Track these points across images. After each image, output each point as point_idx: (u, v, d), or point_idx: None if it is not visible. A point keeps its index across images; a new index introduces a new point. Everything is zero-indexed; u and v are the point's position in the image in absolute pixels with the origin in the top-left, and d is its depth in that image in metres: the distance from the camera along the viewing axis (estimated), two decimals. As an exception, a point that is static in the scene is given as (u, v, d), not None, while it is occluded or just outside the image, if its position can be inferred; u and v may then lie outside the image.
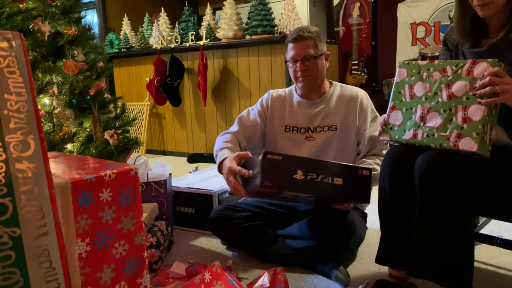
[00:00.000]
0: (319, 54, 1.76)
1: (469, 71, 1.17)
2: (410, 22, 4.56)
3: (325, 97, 1.83)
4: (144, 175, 1.95)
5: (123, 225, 1.09)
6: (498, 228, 1.91)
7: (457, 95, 1.18)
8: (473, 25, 1.36)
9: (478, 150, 1.10)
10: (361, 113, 1.79)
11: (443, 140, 1.17)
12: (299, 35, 1.73)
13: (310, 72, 1.76)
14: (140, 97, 4.56)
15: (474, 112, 1.13)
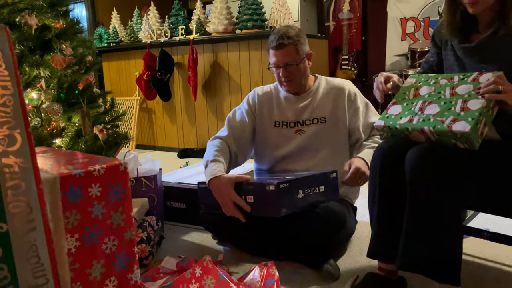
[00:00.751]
0: (300, 59, 1.76)
1: (474, 79, 1.22)
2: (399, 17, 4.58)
3: (311, 91, 1.85)
4: (134, 170, 1.94)
5: (113, 220, 1.09)
6: (485, 221, 1.94)
7: (459, 93, 1.22)
8: (463, 20, 1.37)
9: (470, 132, 1.11)
10: (350, 104, 1.81)
11: (437, 123, 1.19)
12: (279, 44, 1.72)
13: (293, 77, 1.78)
14: (130, 92, 4.52)
15: (473, 103, 1.17)
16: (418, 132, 1.23)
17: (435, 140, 1.22)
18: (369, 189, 1.39)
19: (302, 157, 1.80)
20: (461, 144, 1.16)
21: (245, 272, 1.54)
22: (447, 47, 1.46)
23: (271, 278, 1.41)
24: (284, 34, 1.72)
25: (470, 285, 1.43)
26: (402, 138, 1.32)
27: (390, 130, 1.31)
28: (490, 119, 1.18)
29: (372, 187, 1.38)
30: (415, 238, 1.22)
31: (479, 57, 1.33)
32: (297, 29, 1.78)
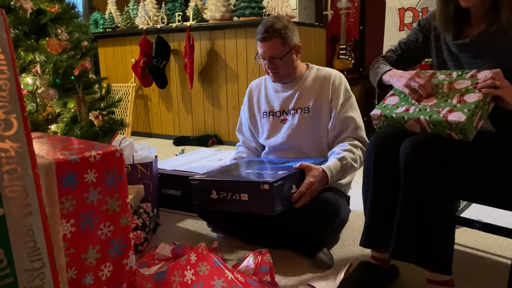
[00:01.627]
0: (286, 52, 1.73)
1: (472, 75, 1.23)
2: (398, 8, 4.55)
3: (300, 79, 1.84)
4: (129, 157, 1.93)
5: (108, 206, 1.09)
6: (477, 212, 1.96)
7: (457, 88, 1.23)
8: (456, 13, 1.36)
9: (465, 121, 1.12)
10: (334, 92, 1.77)
11: (433, 113, 1.20)
12: (264, 37, 1.70)
13: (279, 69, 1.77)
14: (126, 78, 4.49)
15: (470, 97, 1.18)
16: (414, 121, 1.24)
17: (430, 131, 1.23)
18: (363, 178, 1.40)
19: (289, 147, 1.82)
20: (456, 135, 1.17)
21: (239, 259, 1.55)
22: (439, 40, 1.45)
23: (265, 265, 1.42)
24: (270, 27, 1.70)
25: (461, 274, 1.45)
26: (397, 128, 1.32)
27: (386, 119, 1.32)
28: (486, 114, 1.19)
29: (366, 176, 1.38)
30: (408, 227, 1.23)
31: (474, 53, 1.33)
32: (285, 21, 1.74)
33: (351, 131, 1.73)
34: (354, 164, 1.68)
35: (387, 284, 1.41)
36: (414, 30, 1.56)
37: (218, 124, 3.93)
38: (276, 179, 1.43)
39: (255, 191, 1.46)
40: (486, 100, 1.17)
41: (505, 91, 1.16)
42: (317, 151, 1.79)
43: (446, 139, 1.20)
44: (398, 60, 1.57)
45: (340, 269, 1.49)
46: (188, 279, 1.31)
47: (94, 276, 1.07)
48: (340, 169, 1.64)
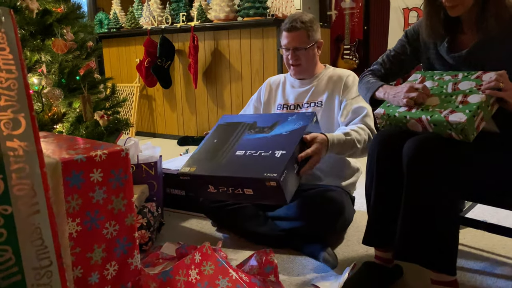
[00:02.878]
0: (310, 44, 1.80)
1: (478, 76, 1.23)
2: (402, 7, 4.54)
3: (316, 77, 1.88)
4: (134, 157, 1.94)
5: (114, 205, 1.10)
6: (482, 213, 1.96)
7: (461, 88, 1.23)
8: (446, 21, 1.35)
9: (466, 122, 1.13)
10: (345, 89, 1.80)
11: (435, 113, 1.21)
12: (291, 26, 1.78)
13: (301, 61, 1.82)
14: (130, 78, 4.50)
15: (473, 98, 1.18)
16: (416, 121, 1.24)
17: (432, 131, 1.23)
18: (366, 176, 1.40)
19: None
20: (456, 136, 1.17)
21: (244, 259, 1.55)
22: (428, 50, 1.44)
23: (269, 265, 1.43)
24: (298, 18, 1.78)
25: (466, 275, 1.45)
26: (400, 127, 1.32)
27: (389, 118, 1.32)
28: (489, 115, 1.19)
29: (369, 174, 1.39)
30: (412, 228, 1.23)
31: (472, 63, 1.32)
32: (312, 17, 1.83)
33: (361, 118, 1.71)
34: (357, 144, 1.62)
35: (391, 284, 1.41)
36: (401, 42, 1.53)
37: (222, 124, 3.93)
38: (281, 171, 1.35)
39: (261, 187, 1.40)
40: (490, 101, 1.17)
41: (509, 94, 1.16)
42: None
43: (449, 139, 1.20)
44: (386, 73, 1.55)
45: (344, 269, 1.49)
46: (193, 279, 1.31)
47: (99, 275, 1.08)
48: (343, 143, 1.59)
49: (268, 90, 2.01)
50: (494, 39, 1.27)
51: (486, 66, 1.28)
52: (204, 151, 1.62)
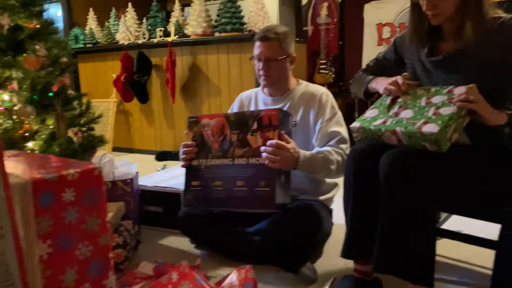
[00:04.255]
0: (282, 56, 1.76)
1: (449, 90, 1.27)
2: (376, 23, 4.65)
3: (288, 94, 1.85)
4: (110, 174, 1.90)
5: (87, 225, 1.07)
6: (458, 223, 1.98)
7: (434, 102, 1.27)
8: (429, 28, 1.40)
9: (438, 132, 1.15)
10: (320, 108, 1.78)
11: (408, 124, 1.23)
12: (264, 36, 1.75)
13: (272, 73, 1.78)
14: (107, 94, 4.45)
15: (445, 110, 1.21)
16: (390, 133, 1.26)
17: (406, 143, 1.25)
18: (343, 190, 1.41)
19: None
20: (430, 146, 1.19)
21: (223, 276, 1.53)
22: (414, 57, 1.48)
23: (249, 282, 1.41)
24: (272, 29, 1.76)
25: (443, 286, 1.46)
26: (376, 141, 1.34)
27: (365, 131, 1.34)
28: (461, 127, 1.22)
29: (346, 188, 1.40)
30: (390, 240, 1.24)
31: (448, 69, 1.37)
32: (287, 29, 1.82)
33: (335, 142, 1.72)
34: (329, 164, 1.63)
35: (371, 297, 1.41)
36: (390, 48, 1.60)
37: (201, 139, 3.91)
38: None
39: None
40: (461, 113, 1.20)
41: (478, 105, 1.19)
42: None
43: (424, 153, 1.22)
44: (376, 75, 1.60)
45: (324, 284, 1.48)
46: (170, 298, 1.28)
47: (72, 298, 1.04)
48: (314, 160, 1.61)
49: (239, 106, 1.98)
50: (470, 49, 1.31)
51: (459, 74, 1.32)
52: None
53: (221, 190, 1.60)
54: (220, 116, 1.69)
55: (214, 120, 1.69)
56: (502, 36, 1.27)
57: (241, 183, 1.56)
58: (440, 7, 1.31)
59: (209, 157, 1.67)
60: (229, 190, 1.59)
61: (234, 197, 1.57)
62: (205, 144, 1.69)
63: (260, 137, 1.57)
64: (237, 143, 1.61)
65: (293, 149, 1.54)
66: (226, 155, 1.63)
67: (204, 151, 1.69)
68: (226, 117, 1.66)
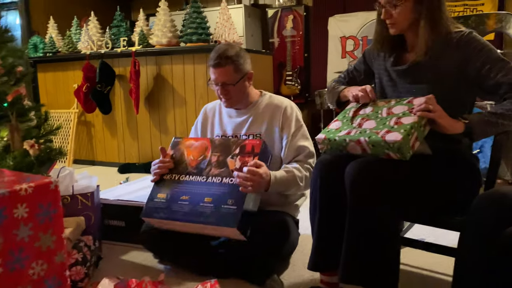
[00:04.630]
0: (238, 79, 1.74)
1: (409, 101, 1.31)
2: (340, 36, 4.76)
3: (252, 107, 1.84)
4: (69, 187, 1.83)
5: (42, 243, 1.01)
6: (421, 232, 2.03)
7: (395, 112, 1.30)
8: (393, 39, 1.45)
9: (402, 140, 1.18)
10: (285, 121, 1.79)
11: (372, 134, 1.25)
12: (217, 63, 1.71)
13: (231, 95, 1.77)
14: (68, 104, 4.31)
15: (406, 119, 1.25)
16: (355, 143, 1.28)
17: (370, 152, 1.26)
18: (310, 201, 1.41)
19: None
20: (394, 155, 1.22)
21: (188, 291, 1.49)
22: (381, 67, 1.52)
23: (214, 296, 1.38)
24: (223, 53, 1.71)
25: (407, 294, 1.48)
26: (340, 151, 1.35)
27: (330, 142, 1.35)
28: (422, 136, 1.25)
29: (313, 199, 1.40)
30: (355, 250, 1.24)
31: (411, 79, 1.41)
32: (238, 48, 1.77)
33: (303, 157, 1.74)
34: (299, 181, 1.66)
35: (337, 308, 1.41)
36: (360, 60, 1.65)
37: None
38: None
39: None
40: (422, 122, 1.23)
41: (437, 115, 1.23)
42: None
43: (388, 162, 1.24)
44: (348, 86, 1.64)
45: (291, 296, 1.47)
46: (132, 317, 1.23)
47: (24, 321, 0.98)
48: (285, 180, 1.63)
49: (204, 118, 1.96)
50: (429, 60, 1.35)
51: (422, 84, 1.37)
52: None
53: (186, 204, 1.57)
54: (205, 139, 1.74)
55: (199, 142, 1.72)
56: (461, 49, 1.32)
57: (208, 199, 1.55)
58: (394, 18, 1.36)
59: (183, 173, 1.66)
60: (194, 205, 1.55)
61: (196, 212, 1.53)
62: (183, 161, 1.70)
63: (239, 160, 1.60)
64: (215, 164, 1.64)
65: (264, 173, 1.56)
66: (201, 173, 1.63)
67: (180, 167, 1.69)
68: (211, 141, 1.71)
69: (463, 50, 1.31)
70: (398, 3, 1.33)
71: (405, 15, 1.34)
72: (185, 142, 1.76)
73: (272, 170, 1.68)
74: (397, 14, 1.35)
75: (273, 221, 1.64)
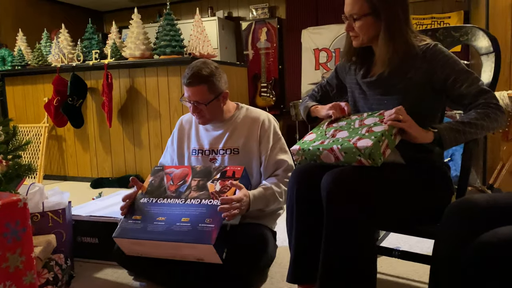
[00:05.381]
0: (211, 98, 1.72)
1: (380, 113, 1.34)
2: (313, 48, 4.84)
3: (229, 120, 1.84)
4: (39, 204, 1.77)
5: (9, 263, 0.97)
6: (396, 240, 2.06)
7: (367, 123, 1.33)
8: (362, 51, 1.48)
9: (372, 146, 1.20)
10: (263, 135, 1.79)
11: (344, 141, 1.28)
12: (189, 82, 1.69)
13: (203, 114, 1.75)
14: (38, 118, 4.20)
15: (377, 128, 1.27)
16: (328, 151, 1.29)
17: (343, 160, 1.28)
18: (286, 212, 1.40)
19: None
20: (365, 161, 1.23)
21: (164, 308, 1.46)
22: (352, 81, 1.55)
23: (191, 313, 1.35)
24: (197, 73, 1.69)
25: (385, 303, 1.49)
26: (315, 161, 1.36)
27: (304, 152, 1.36)
28: (393, 145, 1.27)
29: (289, 210, 1.40)
30: (332, 261, 1.24)
31: (380, 91, 1.44)
32: (213, 67, 1.74)
33: (282, 171, 1.76)
34: (278, 197, 1.69)
35: (316, 320, 1.40)
36: (332, 74, 1.67)
37: (140, 163, 3.78)
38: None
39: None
40: (392, 131, 1.26)
41: (407, 125, 1.26)
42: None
43: (363, 172, 1.25)
44: (320, 100, 1.67)
45: (269, 309, 1.45)
46: (106, 337, 1.19)
47: None
48: (264, 198, 1.65)
49: (180, 130, 1.93)
50: (396, 72, 1.38)
51: (391, 95, 1.40)
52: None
53: (162, 224, 1.54)
54: (186, 167, 1.74)
55: (180, 170, 1.72)
56: (427, 61, 1.35)
57: (185, 219, 1.53)
58: (356, 30, 1.40)
59: (161, 197, 1.64)
60: (170, 225, 1.53)
61: (172, 231, 1.50)
62: (162, 186, 1.68)
63: (220, 184, 1.61)
64: (195, 187, 1.63)
65: (245, 196, 1.57)
66: (180, 196, 1.62)
67: (157, 192, 1.67)
68: (192, 168, 1.71)
69: (429, 62, 1.35)
70: (358, 17, 1.37)
71: (366, 29, 1.38)
72: (166, 169, 1.75)
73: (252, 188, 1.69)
74: (358, 28, 1.39)
75: (250, 234, 1.63)
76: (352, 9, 1.37)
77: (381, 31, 1.36)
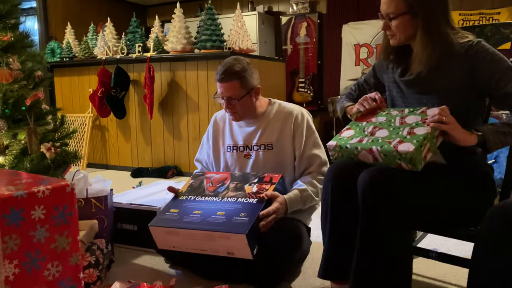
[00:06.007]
0: (244, 94, 1.75)
1: (423, 111, 1.30)
2: (353, 43, 4.76)
3: (262, 116, 1.85)
4: (83, 191, 1.85)
5: (57, 244, 1.03)
6: (433, 242, 2.01)
7: (408, 122, 1.29)
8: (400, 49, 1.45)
9: (414, 151, 1.17)
10: (296, 130, 1.80)
11: (384, 143, 1.24)
12: (222, 77, 1.73)
13: (236, 109, 1.78)
14: (83, 109, 4.38)
15: (419, 130, 1.24)
16: (366, 151, 1.27)
17: (382, 161, 1.26)
18: (321, 209, 1.40)
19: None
20: (405, 165, 1.21)
21: (198, 296, 1.50)
22: (390, 79, 1.52)
23: (224, 302, 1.38)
24: (229, 68, 1.72)
25: (419, 305, 1.46)
26: (352, 159, 1.35)
27: (341, 149, 1.35)
28: (435, 147, 1.24)
29: (324, 207, 1.39)
30: (367, 259, 1.23)
31: (419, 89, 1.40)
32: (245, 63, 1.76)
33: (316, 167, 1.76)
34: (314, 197, 1.71)
35: (348, 317, 1.40)
36: (370, 73, 1.65)
37: (179, 155, 3.87)
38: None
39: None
40: (434, 134, 1.22)
41: (450, 127, 1.21)
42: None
43: (401, 172, 1.23)
44: (356, 99, 1.64)
45: (301, 304, 1.46)
46: (143, 320, 1.24)
47: (39, 321, 1.00)
48: (300, 200, 1.67)
49: (214, 127, 1.97)
50: (435, 70, 1.34)
51: (431, 94, 1.36)
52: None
53: (198, 216, 1.58)
54: (226, 173, 1.82)
55: (219, 175, 1.82)
56: (469, 59, 1.30)
57: (221, 213, 1.57)
58: (392, 29, 1.37)
59: (199, 196, 1.71)
60: (205, 217, 1.57)
61: (207, 222, 1.54)
62: (201, 187, 1.76)
63: (257, 186, 1.66)
64: (233, 188, 1.69)
65: (281, 205, 1.61)
66: (218, 195, 1.68)
67: (197, 191, 1.74)
68: (232, 175, 1.79)
69: (471, 60, 1.30)
70: (395, 16, 1.34)
71: (403, 28, 1.35)
72: (206, 174, 1.83)
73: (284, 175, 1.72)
74: (394, 27, 1.35)
75: (285, 228, 1.64)
76: (388, 8, 1.34)
77: (419, 29, 1.33)
